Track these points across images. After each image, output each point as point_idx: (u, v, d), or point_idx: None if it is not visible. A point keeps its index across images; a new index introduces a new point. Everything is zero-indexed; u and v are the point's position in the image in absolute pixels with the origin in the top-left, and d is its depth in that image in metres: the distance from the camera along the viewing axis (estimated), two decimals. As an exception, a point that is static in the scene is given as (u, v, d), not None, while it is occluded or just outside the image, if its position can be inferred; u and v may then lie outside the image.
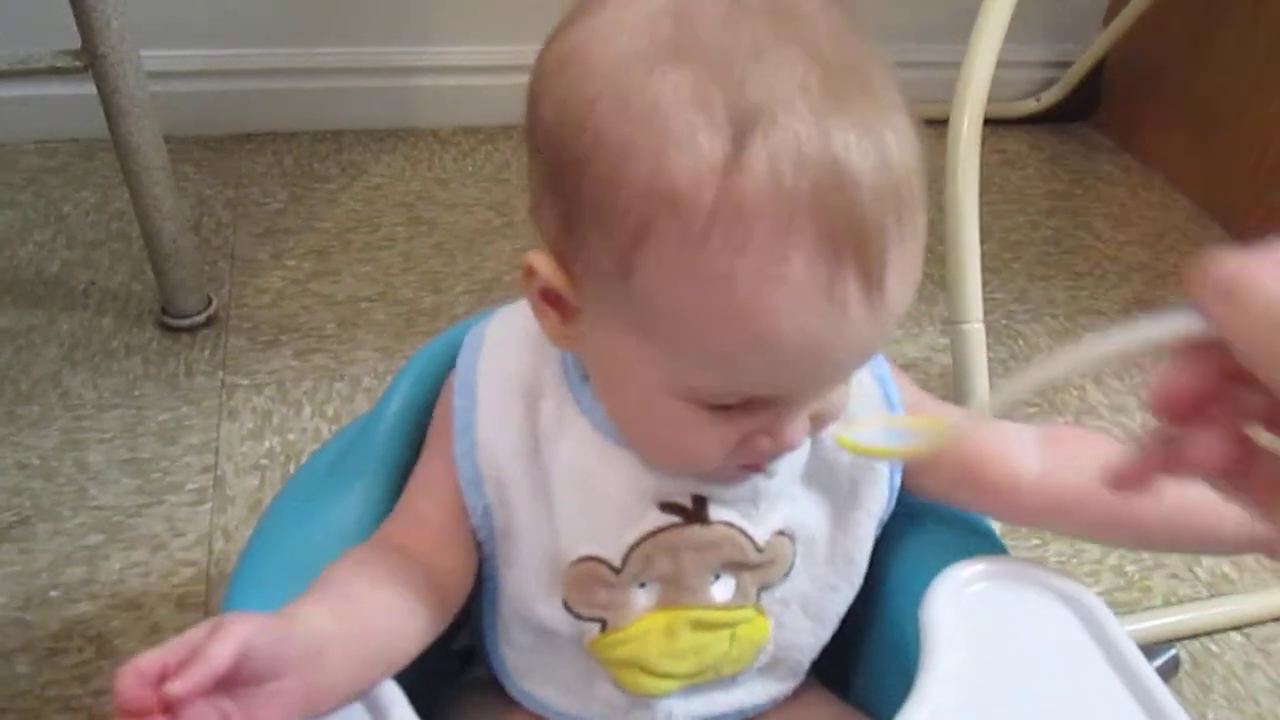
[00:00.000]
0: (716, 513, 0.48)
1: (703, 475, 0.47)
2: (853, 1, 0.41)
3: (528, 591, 0.50)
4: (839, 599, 0.53)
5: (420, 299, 1.16)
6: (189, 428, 0.96)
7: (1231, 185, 1.44)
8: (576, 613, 0.49)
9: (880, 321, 0.39)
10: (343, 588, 0.44)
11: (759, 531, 0.49)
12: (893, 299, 0.38)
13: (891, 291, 0.38)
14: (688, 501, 0.48)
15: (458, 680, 0.59)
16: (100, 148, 1.32)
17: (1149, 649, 0.77)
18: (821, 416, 0.44)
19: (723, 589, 0.50)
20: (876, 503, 0.52)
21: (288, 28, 1.40)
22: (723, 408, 0.42)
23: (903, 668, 0.50)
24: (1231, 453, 0.32)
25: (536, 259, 0.42)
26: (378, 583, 0.45)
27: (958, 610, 0.50)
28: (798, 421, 0.43)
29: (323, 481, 0.56)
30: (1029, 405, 1.07)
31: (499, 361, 0.50)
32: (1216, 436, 0.31)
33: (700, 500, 0.48)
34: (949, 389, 0.98)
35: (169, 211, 1.01)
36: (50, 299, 1.12)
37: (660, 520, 0.48)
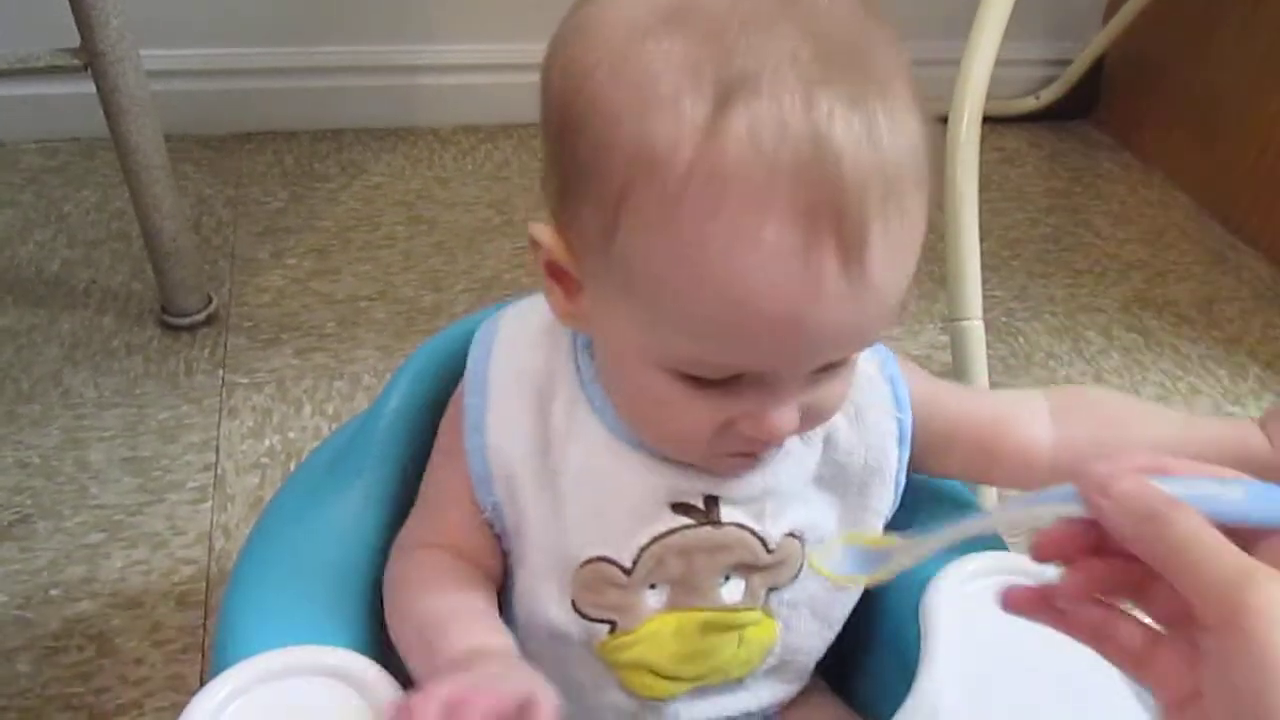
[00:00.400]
0: (728, 514, 0.48)
1: (697, 461, 0.47)
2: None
3: (538, 591, 0.49)
4: (846, 601, 0.53)
5: (420, 298, 1.16)
6: (189, 426, 0.97)
7: (1231, 183, 1.43)
8: (585, 614, 0.49)
9: (863, 301, 0.38)
10: (472, 604, 0.48)
11: (770, 533, 0.49)
12: (877, 279, 0.38)
13: (875, 271, 0.37)
14: (700, 503, 0.48)
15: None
16: (101, 147, 1.32)
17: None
18: (814, 411, 0.44)
19: (732, 591, 0.50)
20: (884, 503, 0.52)
21: (288, 27, 1.40)
22: (707, 384, 0.41)
23: (903, 664, 0.50)
24: (1099, 614, 0.36)
25: (540, 230, 0.43)
26: (472, 585, 0.49)
27: (958, 607, 0.50)
28: (784, 410, 0.42)
29: (323, 479, 0.56)
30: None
31: (511, 359, 0.50)
32: (1081, 585, 0.35)
33: (712, 501, 0.48)
34: (949, 386, 0.98)
35: (169, 210, 1.01)
36: (51, 298, 1.12)
37: (672, 522, 0.48)
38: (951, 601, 0.50)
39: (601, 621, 0.49)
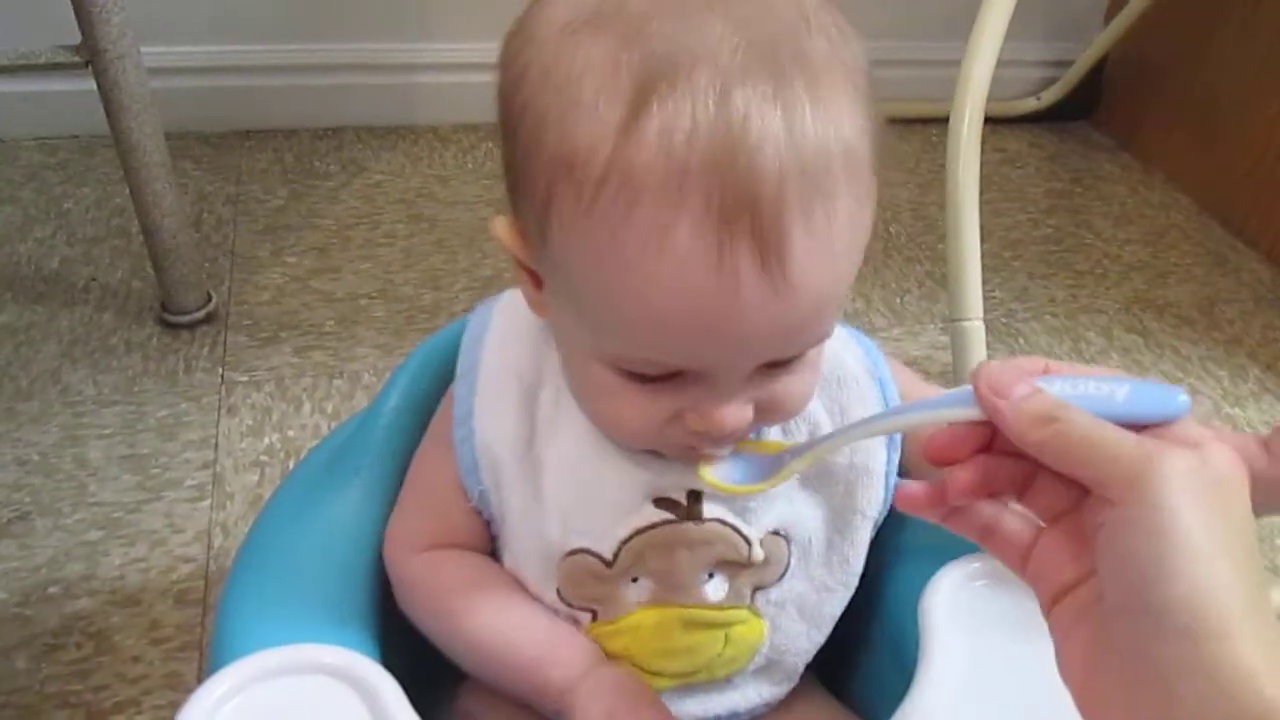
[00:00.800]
0: (710, 510, 0.48)
1: (652, 449, 0.47)
2: (853, 1, 0.41)
3: (523, 578, 0.50)
4: (835, 601, 0.53)
5: (420, 296, 1.16)
6: (188, 424, 0.96)
7: (1232, 185, 1.43)
8: (569, 602, 0.49)
9: (788, 302, 0.37)
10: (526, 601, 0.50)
11: (752, 530, 0.49)
12: (801, 280, 0.37)
13: (798, 271, 0.36)
14: (682, 498, 0.48)
15: (454, 681, 0.59)
16: (101, 144, 1.32)
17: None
18: (772, 407, 0.44)
19: (715, 588, 0.50)
20: (872, 505, 0.52)
21: (288, 24, 1.40)
22: (650, 380, 0.41)
23: (901, 665, 0.50)
24: (987, 510, 0.38)
25: (498, 225, 0.43)
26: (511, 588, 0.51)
27: (956, 607, 0.49)
28: (730, 405, 0.42)
29: (321, 477, 0.56)
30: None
31: (502, 350, 0.50)
32: (971, 481, 0.37)
33: (694, 496, 0.48)
34: (949, 387, 0.98)
35: (169, 208, 1.01)
36: (50, 295, 1.12)
37: (653, 516, 0.48)
38: (950, 602, 0.50)
39: (584, 609, 0.49)
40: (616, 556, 0.48)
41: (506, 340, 0.51)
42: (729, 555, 0.49)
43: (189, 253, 1.06)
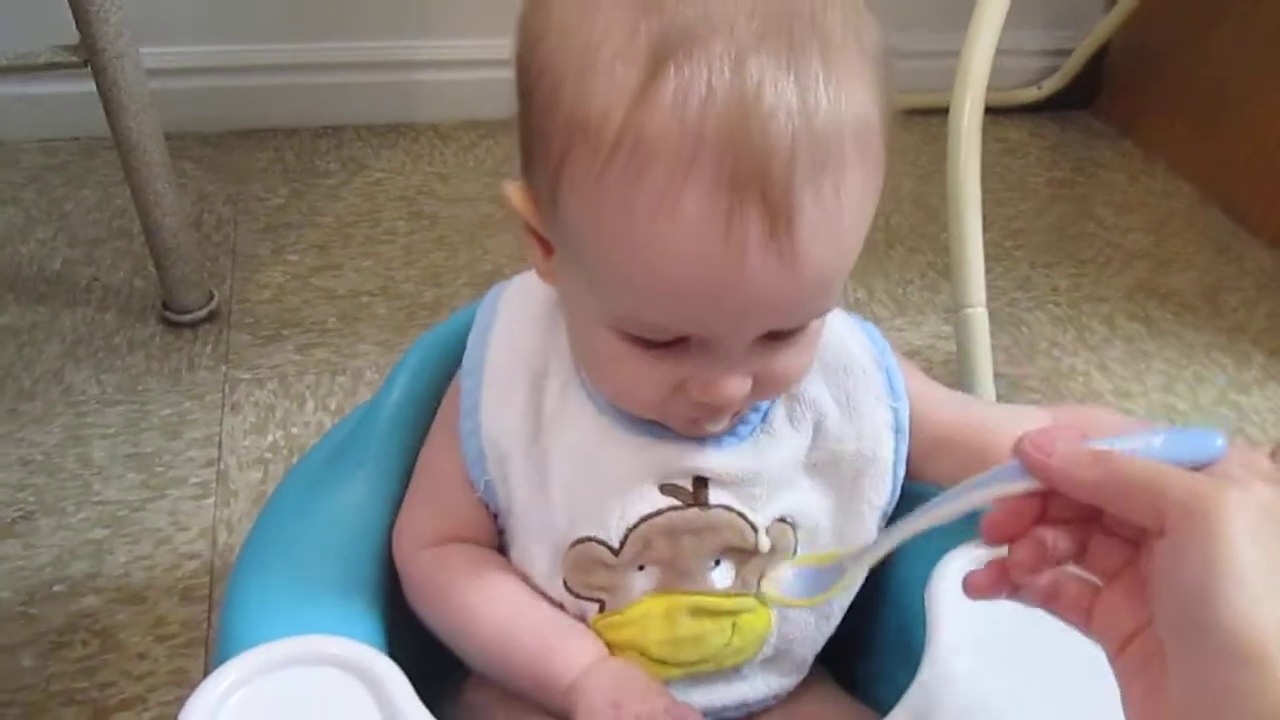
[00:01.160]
0: (716, 496, 0.48)
1: (659, 420, 0.47)
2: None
3: (529, 570, 0.50)
4: (844, 592, 0.53)
5: (421, 293, 1.16)
6: (192, 422, 0.96)
7: (1234, 172, 1.43)
8: (576, 592, 0.49)
9: (795, 272, 0.37)
10: (549, 615, 0.50)
11: (759, 517, 0.49)
12: (808, 253, 0.37)
13: (805, 244, 0.37)
14: (688, 484, 0.48)
15: (461, 674, 0.59)
16: (101, 146, 1.32)
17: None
18: (769, 379, 0.44)
19: (722, 575, 0.49)
20: (880, 495, 0.52)
21: (287, 23, 1.40)
22: (654, 346, 0.41)
23: (909, 653, 0.50)
24: (1048, 578, 0.39)
25: (510, 188, 0.44)
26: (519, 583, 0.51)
27: (962, 593, 0.49)
28: (732, 376, 0.42)
29: (325, 470, 0.56)
30: (1033, 392, 1.07)
31: (509, 338, 0.51)
32: (1032, 557, 0.37)
33: (700, 483, 0.48)
34: (953, 375, 0.98)
35: (170, 207, 1.01)
36: (52, 296, 1.12)
37: (660, 502, 0.48)
38: (957, 588, 0.49)
39: (591, 600, 0.49)
40: (623, 544, 0.48)
41: (514, 329, 0.51)
42: (735, 542, 0.49)
43: (190, 251, 1.06)
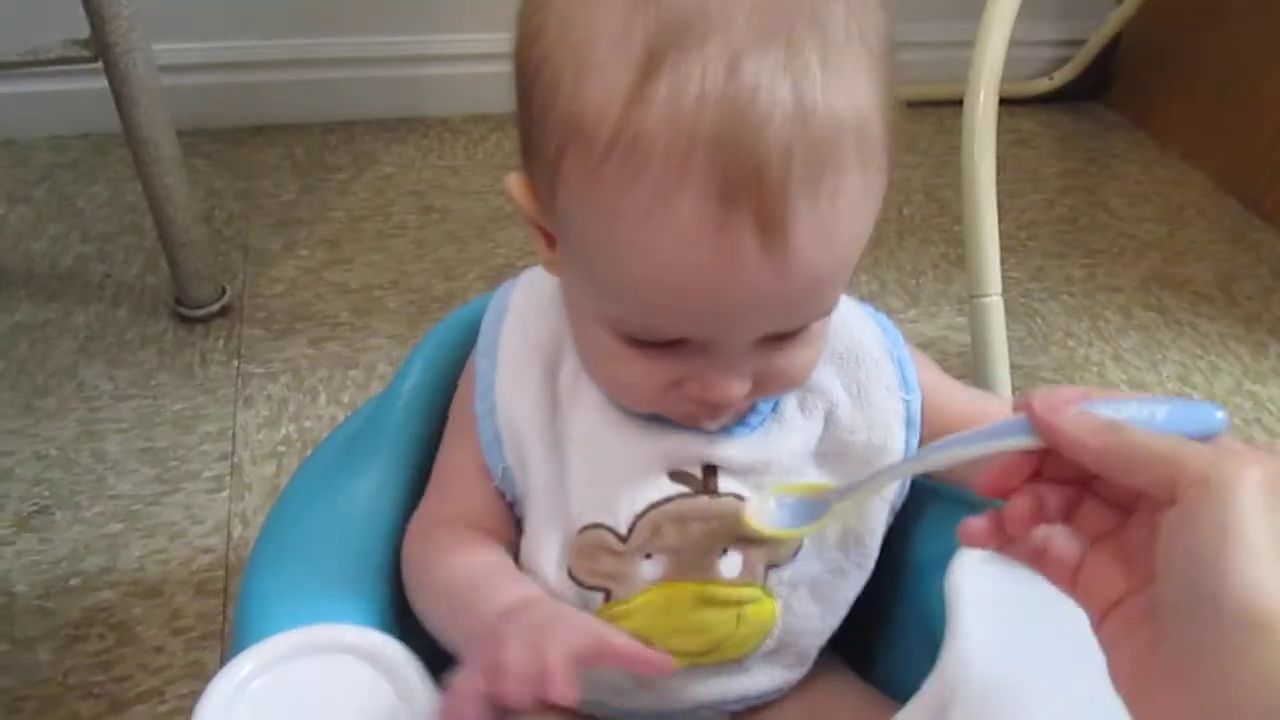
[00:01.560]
0: (726, 484, 0.48)
1: (654, 413, 0.47)
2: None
3: (537, 558, 0.49)
4: (849, 584, 0.53)
5: (433, 286, 1.16)
6: (205, 416, 0.97)
7: (1247, 161, 1.42)
8: (581, 581, 0.48)
9: (789, 277, 0.37)
10: (499, 562, 0.48)
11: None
12: (803, 254, 0.36)
13: (799, 246, 0.36)
14: (698, 471, 0.48)
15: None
16: (112, 143, 1.32)
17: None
18: (771, 379, 0.44)
19: (730, 564, 0.49)
20: (889, 487, 0.52)
21: (296, 19, 1.40)
22: (650, 346, 0.41)
23: (929, 644, 0.49)
24: (1039, 534, 0.39)
25: (512, 181, 0.43)
26: (489, 548, 0.49)
27: (982, 583, 0.49)
28: (730, 376, 0.42)
29: (339, 460, 0.56)
30: (1048, 383, 1.07)
31: (522, 326, 0.50)
32: (1029, 509, 0.38)
33: (710, 470, 0.48)
34: (967, 366, 0.97)
35: (181, 202, 1.01)
36: (65, 292, 1.12)
37: (669, 489, 0.47)
38: (976, 577, 0.49)
39: (596, 589, 0.48)
40: (631, 530, 0.47)
41: (528, 317, 0.50)
42: (744, 530, 0.48)
43: (202, 246, 1.06)
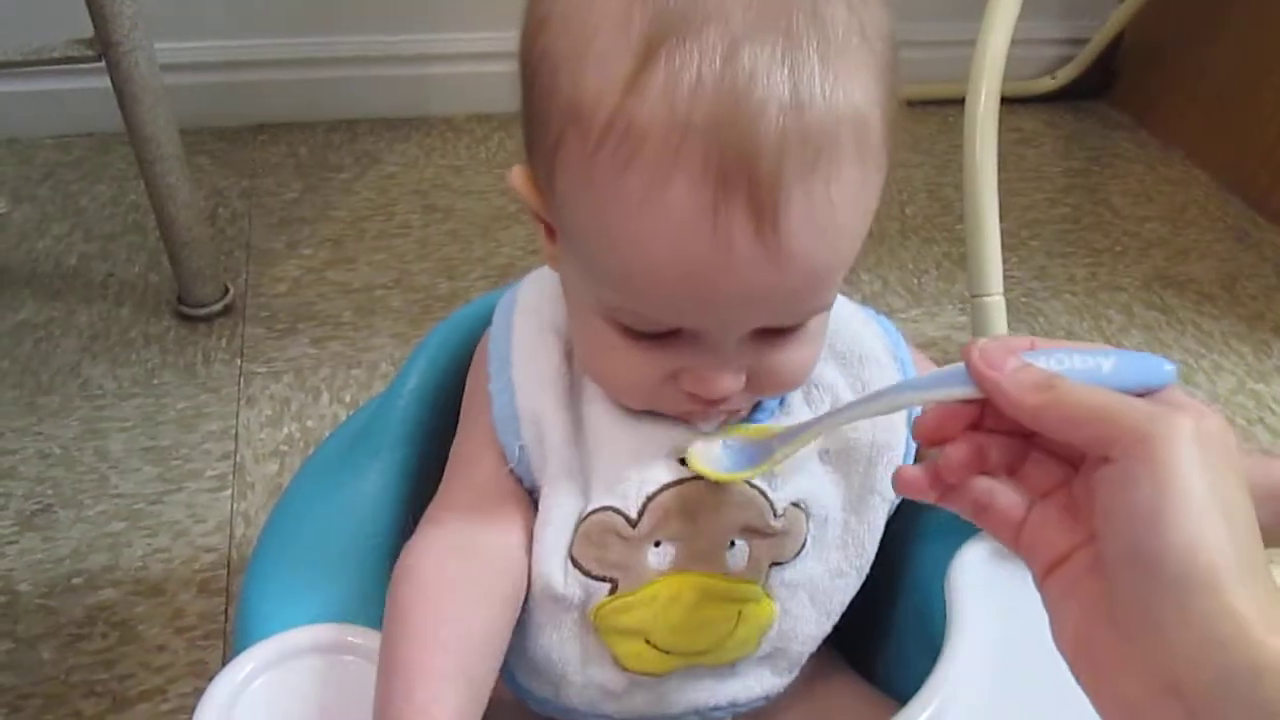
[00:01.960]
0: None
1: (648, 408, 0.46)
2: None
3: (543, 545, 0.48)
4: (846, 588, 0.52)
5: (436, 285, 1.16)
6: (208, 415, 0.97)
7: (1250, 159, 1.42)
8: (588, 571, 0.47)
9: (783, 269, 0.37)
10: (450, 641, 0.43)
11: (777, 496, 0.49)
12: (797, 246, 0.36)
13: (793, 240, 0.36)
14: None
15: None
16: (115, 141, 1.33)
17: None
18: (766, 377, 0.43)
19: (737, 557, 0.49)
20: (890, 486, 0.51)
21: (299, 18, 1.40)
22: (645, 337, 0.41)
23: (929, 643, 0.49)
24: (980, 485, 0.38)
25: (515, 172, 0.44)
26: (467, 604, 0.45)
27: (982, 581, 0.49)
28: (723, 371, 0.42)
29: (341, 459, 0.56)
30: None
31: (535, 315, 0.50)
32: (965, 456, 0.38)
33: None
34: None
35: (184, 200, 1.02)
36: (69, 291, 1.12)
37: (680, 472, 0.47)
38: (976, 577, 0.49)
39: (602, 579, 0.48)
40: (641, 514, 0.47)
41: (541, 306, 0.51)
42: (753, 521, 0.48)
43: (205, 245, 1.06)
